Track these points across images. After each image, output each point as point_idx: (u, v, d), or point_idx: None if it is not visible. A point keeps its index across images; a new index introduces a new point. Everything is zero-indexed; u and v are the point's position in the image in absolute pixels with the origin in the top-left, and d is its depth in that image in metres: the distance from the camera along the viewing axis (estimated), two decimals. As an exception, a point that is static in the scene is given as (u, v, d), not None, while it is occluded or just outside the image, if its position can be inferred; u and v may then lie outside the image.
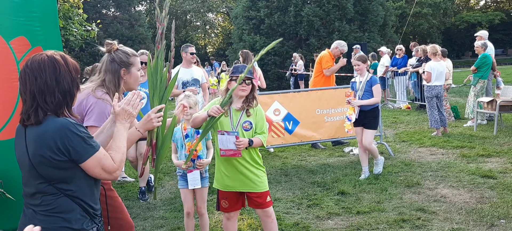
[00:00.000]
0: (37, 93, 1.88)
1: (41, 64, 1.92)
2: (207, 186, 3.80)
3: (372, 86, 5.48)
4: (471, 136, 7.89)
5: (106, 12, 32.20)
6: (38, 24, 3.90)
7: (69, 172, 1.89)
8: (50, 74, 1.91)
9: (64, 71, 1.94)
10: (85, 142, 1.88)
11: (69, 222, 1.91)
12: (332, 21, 22.05)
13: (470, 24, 36.47)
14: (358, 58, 5.61)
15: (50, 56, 1.94)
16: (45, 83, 1.90)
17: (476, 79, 8.97)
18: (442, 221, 4.17)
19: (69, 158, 1.86)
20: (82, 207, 1.95)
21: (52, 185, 1.88)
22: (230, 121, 3.28)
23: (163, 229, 4.36)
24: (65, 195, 1.90)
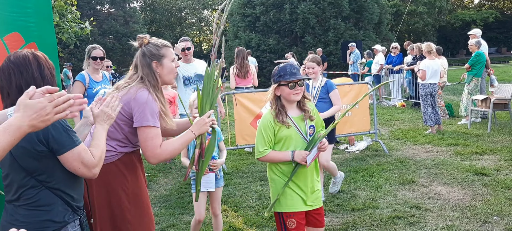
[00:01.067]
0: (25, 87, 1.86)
1: (26, 59, 1.96)
2: (221, 187, 3.69)
3: (328, 93, 4.73)
4: (465, 133, 7.93)
5: (101, 9, 32.03)
6: (32, 20, 3.88)
7: (50, 163, 1.89)
8: (35, 69, 1.96)
9: (46, 67, 2.00)
10: (68, 134, 1.89)
11: (50, 214, 1.91)
12: (328, 18, 22.07)
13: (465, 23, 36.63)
14: (312, 60, 4.77)
15: (32, 53, 1.99)
16: (32, 78, 1.94)
17: (470, 77, 9.01)
18: (436, 218, 4.19)
19: (49, 149, 1.87)
20: (63, 200, 1.95)
21: (33, 177, 1.89)
22: (299, 132, 2.85)
23: (158, 226, 4.35)
24: (46, 187, 1.91)
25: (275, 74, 2.84)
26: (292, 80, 2.76)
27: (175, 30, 42.32)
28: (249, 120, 6.63)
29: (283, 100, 2.83)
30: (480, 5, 43.84)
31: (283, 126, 2.79)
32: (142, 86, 2.49)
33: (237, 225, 4.26)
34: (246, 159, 6.91)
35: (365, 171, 5.82)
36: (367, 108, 7.11)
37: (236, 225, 4.25)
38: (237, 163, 6.62)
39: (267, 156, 2.81)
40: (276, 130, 2.80)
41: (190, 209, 4.76)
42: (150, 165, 6.81)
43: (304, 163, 2.73)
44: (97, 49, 5.00)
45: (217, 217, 3.73)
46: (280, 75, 2.80)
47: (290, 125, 2.80)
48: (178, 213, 4.69)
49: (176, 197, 5.22)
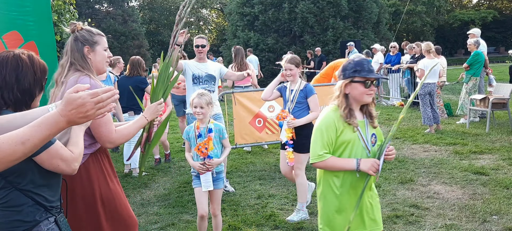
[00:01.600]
0: None
1: (4, 60, 1.93)
2: (221, 188, 3.67)
3: (307, 98, 4.33)
4: (463, 133, 7.95)
5: (99, 8, 32.00)
6: (31, 18, 3.87)
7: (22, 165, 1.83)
8: (10, 71, 1.92)
9: (26, 70, 1.95)
10: None
11: (20, 215, 1.90)
12: (327, 18, 22.09)
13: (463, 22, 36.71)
14: (290, 61, 4.37)
15: (16, 54, 1.95)
16: (4, 79, 1.91)
17: (469, 77, 9.03)
18: (435, 217, 4.20)
19: None
20: (34, 200, 1.93)
21: (4, 178, 1.87)
22: (361, 139, 2.46)
23: (157, 225, 4.35)
24: (17, 188, 1.89)
25: (348, 69, 2.44)
26: (369, 78, 2.39)
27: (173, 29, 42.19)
28: (248, 119, 6.63)
29: (351, 99, 2.44)
30: (479, 4, 43.92)
31: (349, 128, 2.40)
32: (79, 73, 2.46)
33: (236, 224, 4.26)
34: (245, 158, 6.91)
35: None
36: (366, 107, 7.12)
37: (235, 224, 4.25)
38: (236, 162, 6.62)
39: (326, 162, 2.39)
40: (339, 132, 2.41)
41: (189, 208, 4.76)
42: (149, 164, 6.80)
43: (373, 173, 2.34)
44: None
45: (216, 217, 3.72)
46: (355, 71, 2.40)
47: (357, 128, 2.42)
48: (177, 212, 4.69)
49: (175, 196, 5.21)
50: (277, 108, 6.63)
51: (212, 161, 3.50)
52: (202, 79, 5.23)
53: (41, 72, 2.00)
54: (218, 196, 3.65)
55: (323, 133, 2.41)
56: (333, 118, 2.42)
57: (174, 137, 9.04)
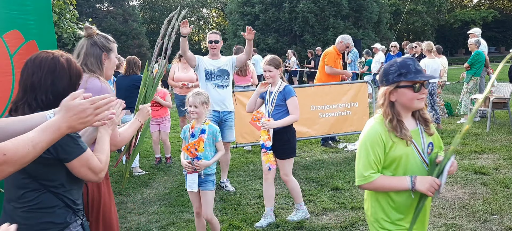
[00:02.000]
0: (29, 88, 1.87)
1: (42, 62, 1.91)
2: (212, 190, 3.56)
3: (286, 100, 4.10)
4: (464, 132, 7.93)
5: (100, 7, 32.00)
6: (32, 17, 3.87)
7: (54, 169, 1.87)
8: (47, 73, 1.90)
9: (63, 73, 1.92)
10: (74, 141, 1.86)
11: (52, 216, 1.90)
12: (327, 17, 22.09)
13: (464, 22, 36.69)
14: (269, 62, 4.17)
15: (54, 57, 1.94)
16: (40, 81, 1.88)
17: (469, 77, 9.03)
18: (436, 216, 4.20)
19: (56, 157, 1.83)
20: (64, 202, 1.93)
21: (36, 180, 1.86)
22: (417, 151, 2.12)
23: (157, 224, 4.35)
24: (49, 190, 1.89)
25: (391, 72, 2.09)
26: (418, 81, 2.05)
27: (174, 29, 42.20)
28: (248, 118, 6.61)
29: (399, 107, 2.10)
30: (479, 4, 43.89)
31: (400, 142, 2.06)
32: (88, 75, 2.48)
33: (236, 223, 4.26)
34: (246, 157, 6.91)
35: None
36: (366, 107, 7.11)
37: (236, 224, 4.25)
38: (237, 161, 6.62)
39: (375, 183, 2.07)
40: (388, 147, 2.08)
41: (190, 207, 4.76)
42: (149, 164, 6.80)
43: (431, 193, 2.03)
44: None
45: (211, 221, 3.62)
46: (400, 74, 2.06)
47: (410, 141, 2.08)
48: (177, 211, 4.69)
49: (176, 195, 5.22)
50: (278, 108, 6.63)
51: (200, 163, 3.43)
52: (214, 75, 5.20)
53: (76, 77, 1.98)
54: (207, 198, 3.54)
55: (368, 150, 2.08)
56: (379, 131, 2.08)
57: (174, 136, 9.05)
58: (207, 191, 3.54)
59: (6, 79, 3.78)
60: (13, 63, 3.78)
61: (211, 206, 3.58)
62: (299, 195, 4.32)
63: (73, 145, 1.86)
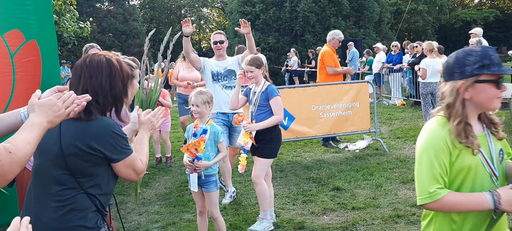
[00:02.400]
0: (90, 92, 1.89)
1: (99, 65, 1.94)
2: (215, 191, 3.53)
3: (269, 100, 3.97)
4: (465, 132, 7.92)
5: (100, 6, 31.99)
6: (32, 17, 3.86)
7: (97, 169, 1.90)
8: (105, 77, 1.94)
9: (118, 76, 1.97)
10: (126, 143, 1.95)
11: (84, 220, 1.89)
12: (328, 17, 22.07)
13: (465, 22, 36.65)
14: (250, 62, 4.01)
15: (108, 59, 1.97)
16: (100, 85, 1.92)
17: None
18: (437, 217, 4.19)
19: (105, 156, 1.88)
20: (96, 206, 1.94)
21: (75, 178, 1.87)
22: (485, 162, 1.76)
23: (158, 224, 4.35)
24: (84, 191, 1.89)
25: (469, 63, 1.71)
26: (500, 75, 1.71)
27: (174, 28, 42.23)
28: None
29: (470, 107, 1.76)
30: (481, 4, 43.84)
31: (466, 150, 1.71)
32: None
33: (237, 223, 4.26)
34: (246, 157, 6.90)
35: (365, 170, 5.82)
36: (367, 107, 7.10)
37: (236, 224, 4.25)
38: (237, 161, 6.61)
39: (443, 201, 1.68)
40: (455, 156, 1.72)
41: (190, 207, 4.75)
42: (150, 163, 6.80)
43: None
44: (95, 48, 4.68)
45: (216, 220, 3.63)
46: (483, 66, 1.69)
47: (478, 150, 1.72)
48: (178, 211, 4.68)
49: (176, 195, 5.21)
50: (279, 108, 6.62)
51: (200, 163, 3.40)
52: (221, 76, 5.04)
53: (127, 78, 2.03)
54: (211, 199, 3.53)
55: (431, 159, 1.70)
56: (443, 136, 1.73)
57: (175, 136, 9.04)
58: (210, 192, 3.52)
59: (7, 78, 3.77)
60: (14, 62, 3.78)
61: (215, 206, 3.57)
62: (266, 202, 4.04)
63: (125, 146, 1.93)
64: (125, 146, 1.94)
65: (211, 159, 3.48)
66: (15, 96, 3.83)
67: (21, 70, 3.81)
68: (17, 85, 3.81)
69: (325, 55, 7.42)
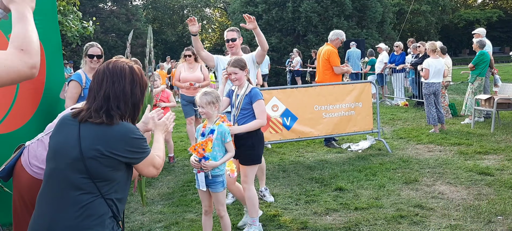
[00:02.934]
0: (112, 97, 1.95)
1: (122, 71, 2.01)
2: (221, 191, 3.51)
3: (252, 103, 3.86)
4: (468, 133, 7.91)
5: (103, 6, 32.07)
6: (37, 17, 3.86)
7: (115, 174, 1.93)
8: (127, 84, 2.01)
9: (137, 84, 2.05)
10: (144, 144, 2.04)
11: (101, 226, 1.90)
12: (330, 17, 22.03)
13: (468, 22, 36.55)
14: (233, 64, 3.87)
15: (130, 67, 2.06)
16: (122, 91, 1.99)
17: (474, 77, 8.99)
18: (440, 217, 4.18)
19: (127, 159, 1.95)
20: (113, 212, 1.95)
21: (94, 183, 1.88)
22: None
23: (161, 224, 4.36)
24: (102, 196, 1.91)
25: None
26: None
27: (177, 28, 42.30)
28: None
29: None
30: (484, 4, 43.71)
31: None
32: None
33: (238, 223, 4.26)
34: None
35: (368, 170, 5.81)
36: (370, 107, 7.10)
37: (238, 223, 4.25)
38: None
39: None
40: None
41: (193, 206, 4.76)
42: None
43: None
44: (95, 47, 4.55)
45: (223, 218, 3.63)
46: None
47: None
48: (181, 211, 4.69)
49: (179, 195, 5.22)
50: (281, 108, 6.63)
51: (207, 163, 3.38)
52: None
53: (145, 87, 2.12)
54: (218, 198, 3.54)
55: None
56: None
57: (177, 136, 9.06)
58: (216, 192, 3.51)
59: (11, 79, 3.79)
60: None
61: (222, 204, 3.56)
62: (255, 208, 3.93)
63: (144, 146, 2.03)
64: (144, 146, 2.03)
65: (218, 159, 3.46)
66: (19, 96, 3.85)
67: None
68: (21, 85, 3.83)
69: (331, 55, 7.43)
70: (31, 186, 2.70)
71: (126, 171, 2.00)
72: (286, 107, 6.65)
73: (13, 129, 3.87)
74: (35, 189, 2.69)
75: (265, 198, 4.90)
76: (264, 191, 4.99)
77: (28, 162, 2.76)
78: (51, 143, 1.99)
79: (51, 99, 4.11)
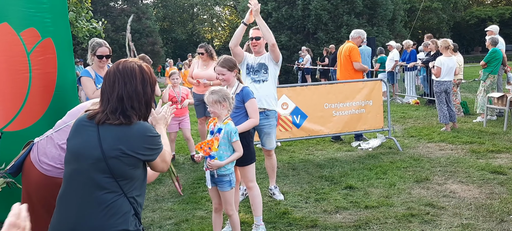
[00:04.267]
0: (126, 98, 1.99)
1: (133, 72, 2.04)
2: (228, 190, 3.49)
3: (244, 102, 3.89)
4: (480, 131, 7.82)
5: (114, 5, 32.29)
6: (48, 15, 3.91)
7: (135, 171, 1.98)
8: (139, 83, 2.04)
9: (148, 82, 2.09)
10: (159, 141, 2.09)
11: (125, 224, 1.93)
12: (341, 15, 21.91)
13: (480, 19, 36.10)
14: (222, 64, 3.94)
15: (140, 66, 2.09)
16: (135, 91, 2.02)
17: (486, 75, 8.88)
18: (451, 216, 4.14)
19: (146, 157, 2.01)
20: (135, 210, 1.99)
21: (117, 181, 1.92)
22: None
23: (171, 221, 4.38)
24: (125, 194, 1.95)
25: None
26: None
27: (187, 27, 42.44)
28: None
29: None
30: (496, 1, 43.12)
31: None
32: None
33: (249, 221, 4.26)
34: (258, 155, 6.89)
35: (378, 169, 5.78)
36: (380, 105, 7.05)
37: (249, 221, 4.25)
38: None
39: None
40: None
41: (203, 204, 4.78)
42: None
43: None
44: (103, 47, 4.47)
45: (231, 217, 3.60)
46: None
47: None
48: (191, 208, 4.71)
49: (189, 192, 5.24)
50: (291, 106, 6.61)
51: (212, 162, 3.37)
52: (253, 69, 4.82)
53: (154, 84, 2.15)
54: (225, 197, 3.51)
55: None
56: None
57: (187, 133, 9.07)
58: (223, 191, 3.51)
59: (23, 76, 3.83)
60: (30, 60, 3.83)
61: (230, 204, 3.54)
62: (260, 207, 3.95)
63: (159, 143, 2.08)
64: (160, 143, 2.08)
65: (224, 158, 3.44)
66: (31, 94, 3.89)
67: (37, 68, 3.87)
68: (33, 83, 3.86)
69: (353, 50, 7.53)
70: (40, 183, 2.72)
71: (143, 169, 2.05)
72: (296, 105, 6.63)
73: (25, 126, 3.91)
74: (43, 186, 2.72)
75: (274, 196, 4.89)
76: (274, 189, 4.98)
77: (37, 159, 2.78)
78: (70, 146, 2.02)
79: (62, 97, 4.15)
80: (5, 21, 3.78)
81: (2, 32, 3.78)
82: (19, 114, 3.90)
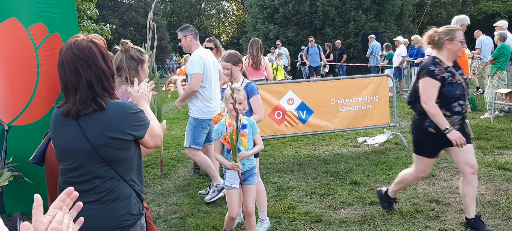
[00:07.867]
0: (95, 81, 1.85)
1: (91, 50, 1.88)
2: (252, 185, 3.38)
3: (249, 98, 3.78)
4: (488, 127, 7.77)
5: (122, 0, 32.38)
6: (56, 10, 3.95)
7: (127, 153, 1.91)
8: (101, 60, 1.90)
9: (106, 55, 1.95)
10: (143, 116, 1.97)
11: (128, 207, 1.91)
12: (348, 10, 21.79)
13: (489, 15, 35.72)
14: (226, 59, 3.91)
15: (93, 42, 1.91)
16: (102, 70, 1.88)
17: (494, 70, 8.80)
18: (457, 212, 4.13)
19: (134, 136, 1.91)
20: (136, 192, 1.97)
21: (112, 168, 1.87)
22: None
23: (177, 215, 4.41)
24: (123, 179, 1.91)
25: None
26: None
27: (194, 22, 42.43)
28: (267, 111, 6.62)
29: None
30: (506, -4, 42.60)
31: None
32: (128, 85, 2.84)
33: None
34: (264, 150, 6.92)
35: (384, 164, 5.77)
36: (387, 101, 7.02)
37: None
38: (255, 154, 6.64)
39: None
40: None
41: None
42: (169, 155, 6.89)
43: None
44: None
45: (250, 218, 3.44)
46: None
47: None
48: (196, 202, 4.74)
49: (195, 186, 5.27)
50: (297, 101, 6.61)
51: (242, 154, 3.24)
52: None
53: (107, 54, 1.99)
54: (252, 192, 3.38)
55: None
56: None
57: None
58: (252, 185, 3.37)
59: (32, 71, 3.88)
60: (38, 55, 3.88)
61: (252, 200, 3.41)
62: (265, 202, 3.93)
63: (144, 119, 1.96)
64: (144, 118, 1.96)
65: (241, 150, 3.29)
66: (39, 88, 3.93)
67: (45, 62, 3.91)
68: (41, 78, 3.91)
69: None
70: None
71: (136, 148, 1.96)
72: (302, 100, 6.64)
73: (32, 120, 3.96)
74: None
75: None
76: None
77: None
78: (57, 144, 1.95)
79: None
80: (14, 16, 3.83)
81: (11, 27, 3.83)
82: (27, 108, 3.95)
